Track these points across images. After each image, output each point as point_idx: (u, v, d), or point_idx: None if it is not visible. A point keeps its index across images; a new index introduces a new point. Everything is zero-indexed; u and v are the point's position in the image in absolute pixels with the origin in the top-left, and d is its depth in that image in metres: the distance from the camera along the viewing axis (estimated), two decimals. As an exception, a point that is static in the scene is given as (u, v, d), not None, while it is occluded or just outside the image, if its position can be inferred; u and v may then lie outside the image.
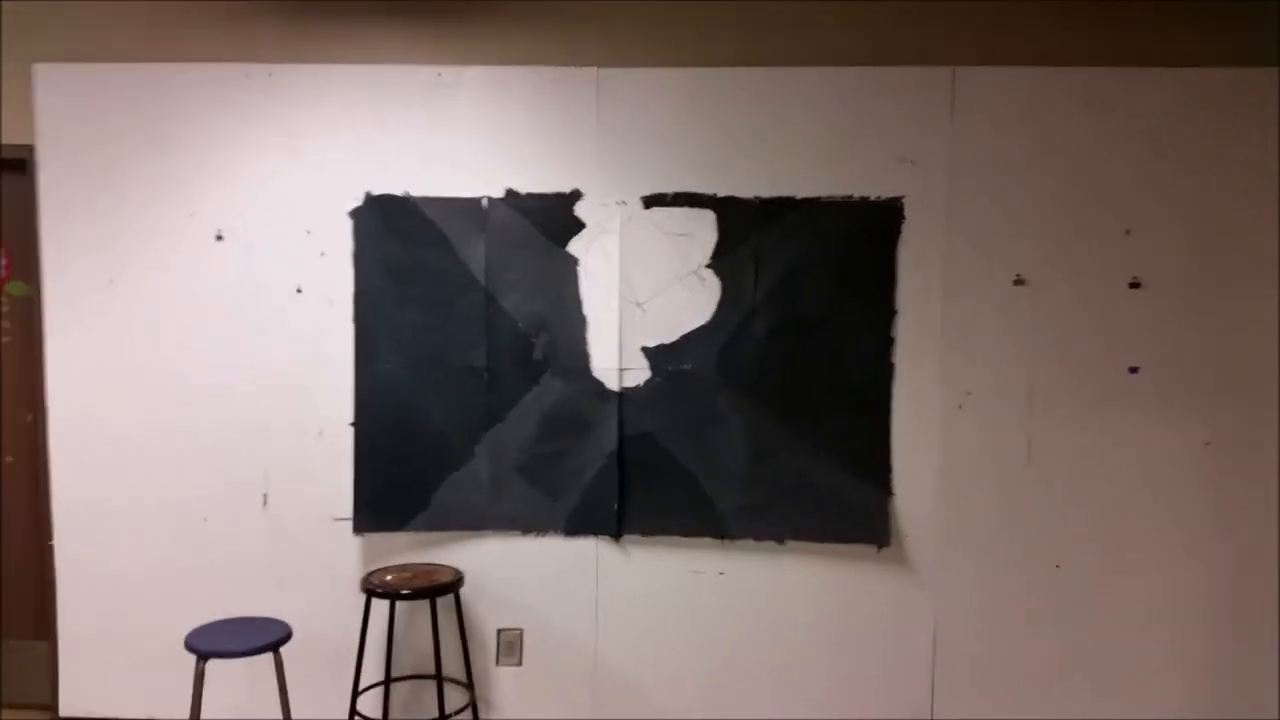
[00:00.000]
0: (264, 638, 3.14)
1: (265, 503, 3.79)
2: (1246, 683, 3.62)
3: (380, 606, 3.70)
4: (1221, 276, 3.53)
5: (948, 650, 3.70)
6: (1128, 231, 3.54)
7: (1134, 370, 3.58)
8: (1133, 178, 3.53)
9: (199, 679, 3.08)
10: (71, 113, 3.71)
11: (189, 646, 3.06)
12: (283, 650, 3.22)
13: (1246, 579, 3.59)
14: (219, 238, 3.73)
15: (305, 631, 3.60)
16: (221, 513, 3.80)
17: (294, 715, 3.65)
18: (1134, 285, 3.56)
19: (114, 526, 3.81)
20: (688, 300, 3.66)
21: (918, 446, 3.65)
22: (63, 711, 3.88)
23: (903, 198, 3.57)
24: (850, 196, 3.58)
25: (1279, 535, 3.56)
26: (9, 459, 3.98)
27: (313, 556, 3.80)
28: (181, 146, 3.71)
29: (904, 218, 3.57)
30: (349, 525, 3.77)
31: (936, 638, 3.70)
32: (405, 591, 3.44)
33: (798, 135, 3.60)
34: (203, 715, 3.37)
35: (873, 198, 3.58)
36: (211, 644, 3.07)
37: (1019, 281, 3.58)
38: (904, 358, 3.62)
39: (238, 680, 3.77)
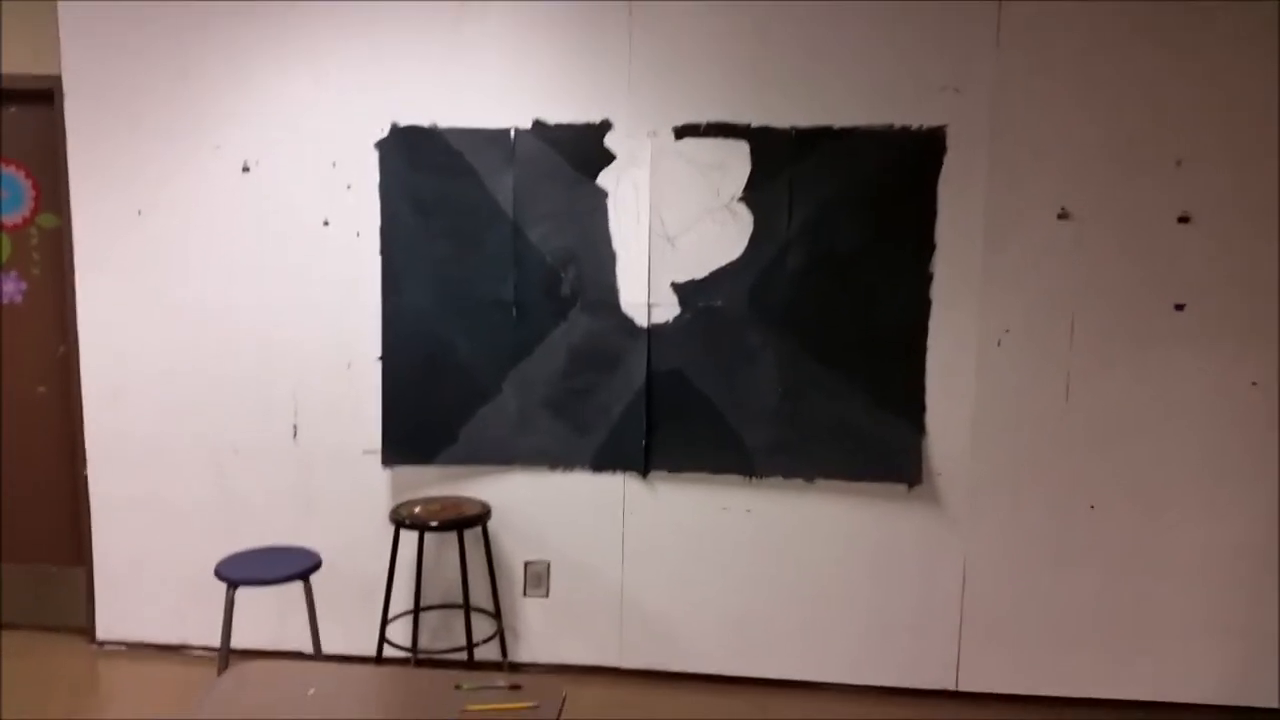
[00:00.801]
0: (293, 566, 3.16)
1: (295, 434, 3.80)
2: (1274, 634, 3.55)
3: (409, 538, 3.73)
4: (1273, 211, 3.38)
5: (976, 592, 3.66)
6: (1178, 163, 3.40)
7: (1180, 308, 3.47)
8: (1184, 108, 3.37)
9: (229, 607, 3.11)
10: (97, 45, 3.67)
11: (219, 575, 3.08)
12: (312, 579, 3.27)
13: (1288, 525, 3.51)
14: (245, 169, 3.70)
15: (335, 562, 3.64)
16: (252, 444, 3.82)
17: (324, 643, 3.71)
18: (1183, 220, 3.43)
19: (146, 457, 3.85)
20: (719, 235, 3.58)
21: (953, 385, 3.58)
22: (99, 635, 3.96)
23: (945, 127, 3.45)
24: (890, 126, 3.46)
25: (1326, 479, 3.46)
26: (42, 389, 4.02)
27: (342, 488, 3.82)
28: (206, 78, 3.67)
29: (946, 149, 3.46)
30: (378, 458, 3.78)
31: (965, 579, 3.66)
32: (434, 523, 3.45)
33: (836, 63, 3.47)
34: (234, 642, 3.45)
35: (914, 127, 3.46)
36: (241, 572, 3.10)
37: (1063, 215, 3.46)
38: (941, 294, 3.53)
39: (268, 608, 3.83)
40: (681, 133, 3.55)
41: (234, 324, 3.77)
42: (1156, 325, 3.49)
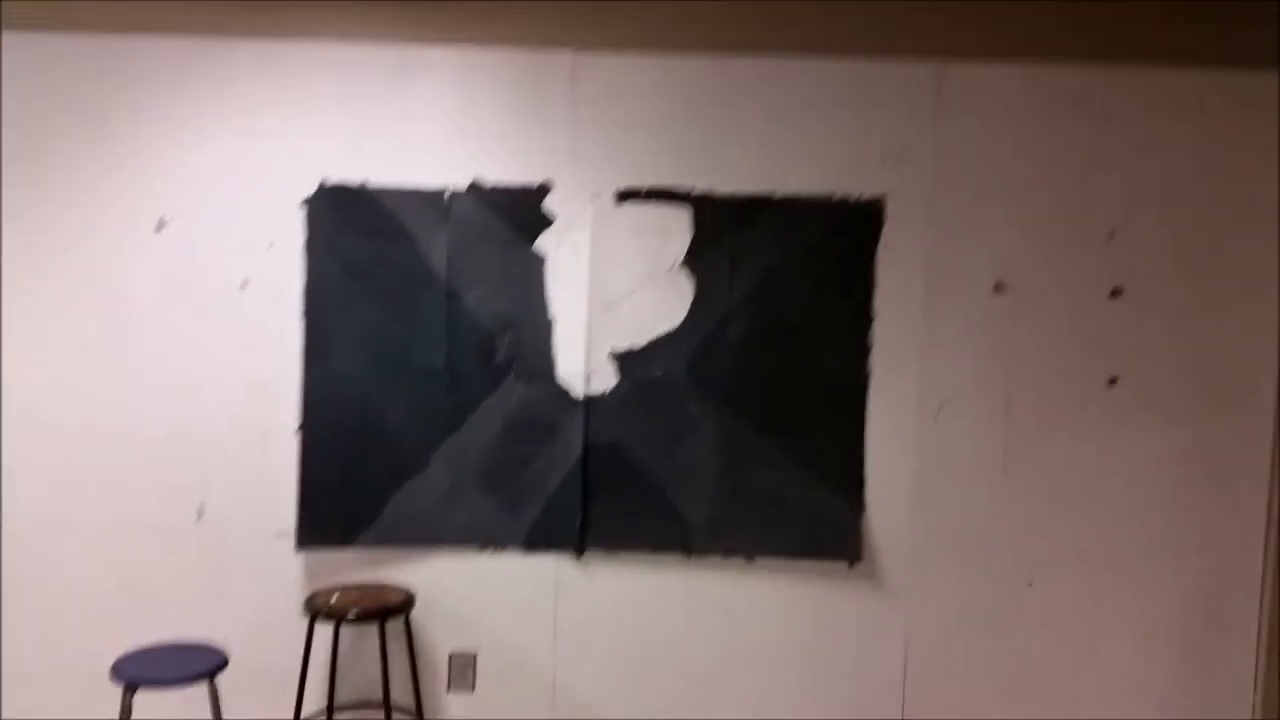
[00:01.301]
0: (198, 665, 2.88)
1: (201, 514, 3.51)
2: (1221, 703, 3.53)
3: (324, 630, 3.43)
4: (1204, 285, 3.46)
5: (920, 669, 3.56)
6: (1111, 235, 3.47)
7: (1113, 381, 3.51)
8: (1118, 181, 3.45)
9: (126, 711, 2.79)
10: (2, 86, 3.43)
11: (115, 674, 2.77)
12: (219, 677, 2.95)
13: (1225, 596, 3.51)
14: (159, 226, 3.47)
15: (243, 656, 3.30)
16: (155, 524, 3.50)
17: (227, 745, 3.36)
18: (1115, 294, 3.49)
19: (32, 538, 3.49)
20: (659, 302, 3.49)
21: (893, 457, 3.52)
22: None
23: (884, 197, 3.46)
24: (830, 195, 3.46)
25: (1261, 551, 3.49)
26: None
27: (252, 574, 3.52)
28: (122, 127, 3.45)
29: (885, 219, 3.47)
30: (292, 540, 3.50)
31: (908, 655, 3.56)
32: (352, 614, 3.20)
33: (780, 130, 3.47)
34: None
35: (854, 198, 3.46)
36: (140, 672, 2.80)
37: (999, 288, 3.49)
38: (881, 365, 3.50)
39: (169, 710, 3.44)
40: (623, 197, 3.48)
41: (140, 391, 3.49)
42: (1090, 398, 3.51)
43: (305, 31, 3.45)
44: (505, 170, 3.47)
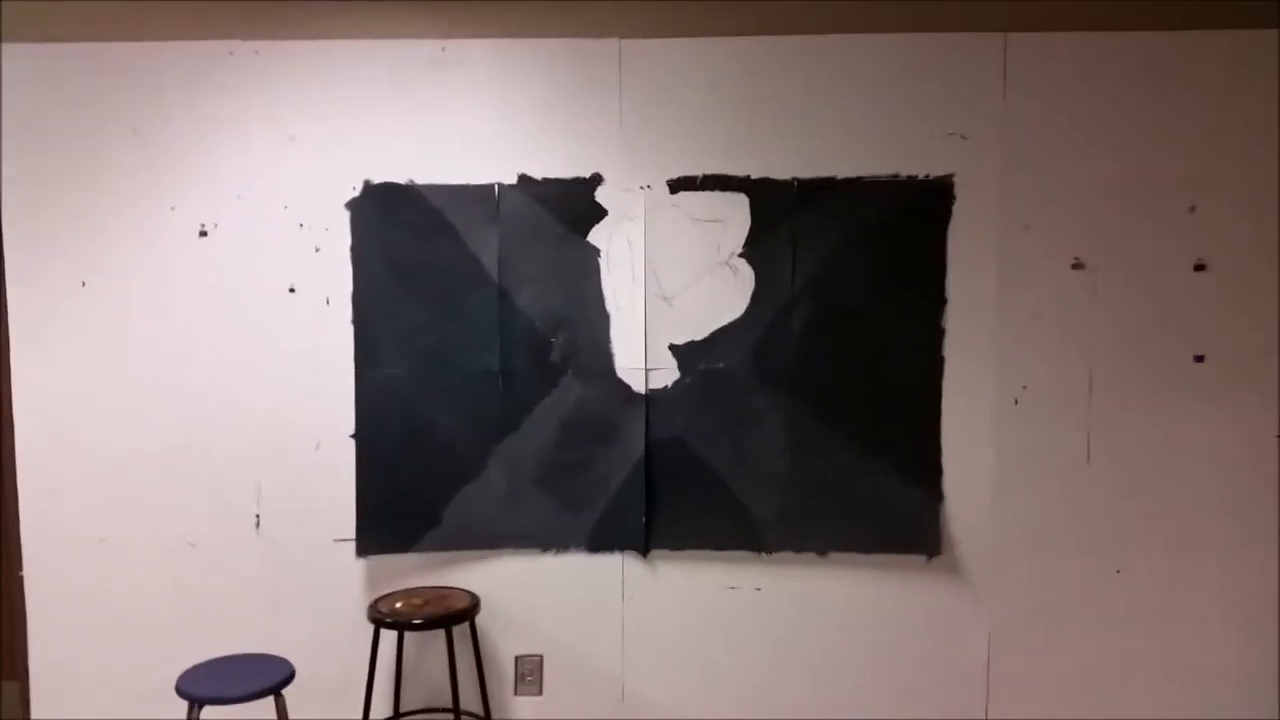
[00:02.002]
0: (265, 680, 2.82)
1: (258, 524, 3.45)
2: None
3: (389, 637, 3.38)
4: (1293, 256, 3.28)
5: (1003, 665, 3.44)
6: (1192, 209, 3.28)
7: (1199, 359, 3.33)
8: (1197, 150, 3.27)
9: (192, 727, 2.74)
10: (39, 99, 3.35)
11: (181, 692, 2.72)
12: (284, 691, 2.89)
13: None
14: (203, 233, 3.39)
15: (306, 666, 3.23)
16: (210, 536, 3.45)
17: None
18: (1199, 268, 3.30)
19: (90, 554, 3.45)
20: (719, 292, 3.36)
21: (970, 446, 3.38)
22: (36, 761, 3.52)
23: (953, 175, 3.30)
24: (896, 175, 3.30)
25: (1362, 534, 3.31)
26: (-29, 482, 3.61)
27: (312, 582, 3.46)
28: (159, 134, 3.37)
29: (954, 198, 3.30)
30: (351, 547, 3.44)
31: (991, 652, 3.44)
32: (417, 620, 3.14)
33: (837, 110, 3.31)
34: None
35: (920, 176, 3.30)
36: (207, 688, 2.74)
37: (1077, 265, 3.32)
38: (955, 350, 3.35)
39: (233, 721, 3.43)
40: (677, 186, 3.34)
41: (189, 404, 3.42)
42: (1176, 378, 3.34)
43: (343, 30, 3.35)
44: (554, 163, 3.35)
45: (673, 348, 3.38)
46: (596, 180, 3.35)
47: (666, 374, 3.39)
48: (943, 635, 3.44)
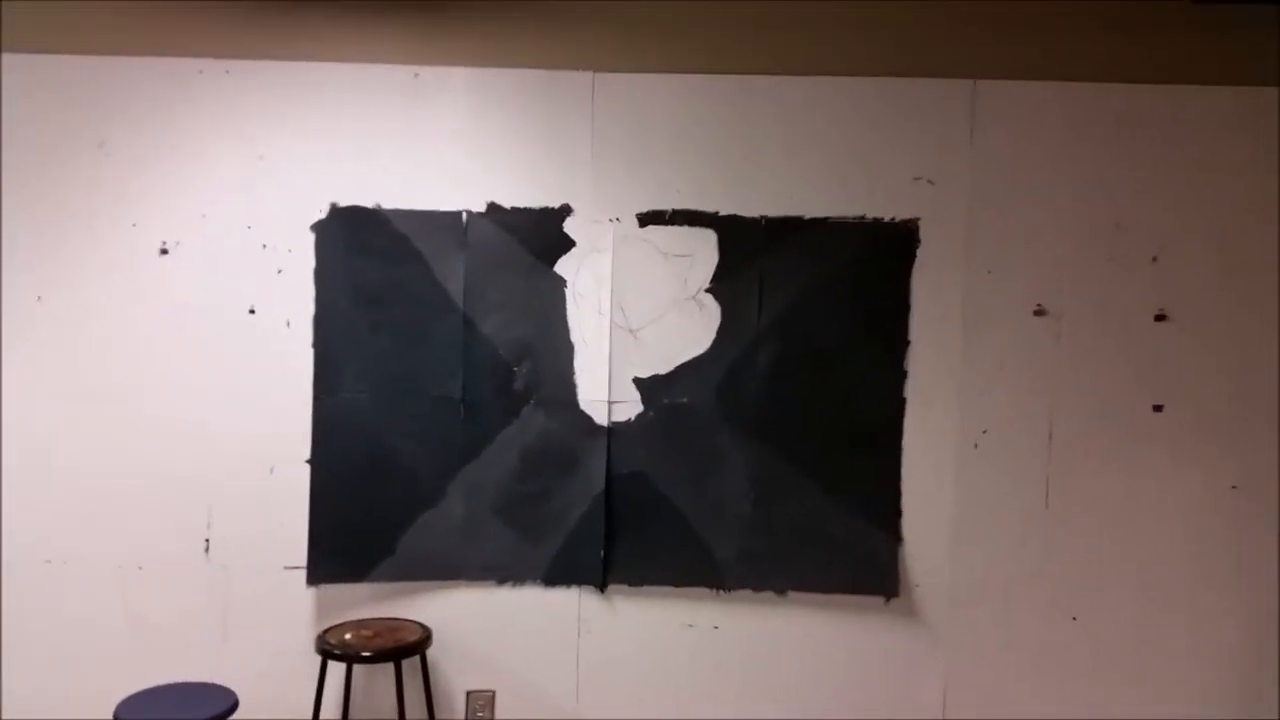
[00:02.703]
0: (206, 710, 2.76)
1: (208, 548, 3.38)
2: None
3: (337, 668, 3.30)
4: (1252, 309, 3.32)
5: (960, 708, 3.42)
6: (1155, 259, 3.33)
7: (1158, 408, 3.36)
8: (1161, 201, 3.32)
9: (129, 757, 2.66)
10: (3, 108, 3.29)
11: (119, 718, 2.64)
12: (227, 720, 2.82)
13: (1275, 631, 3.36)
14: (164, 251, 3.34)
15: (251, 696, 3.16)
16: (158, 560, 3.37)
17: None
18: (1160, 318, 3.34)
19: (35, 576, 3.35)
20: (685, 327, 3.36)
21: (930, 489, 3.38)
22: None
23: (918, 219, 3.33)
24: (863, 217, 3.33)
25: (1317, 586, 3.34)
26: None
27: (261, 610, 3.38)
28: (124, 149, 3.33)
29: (919, 241, 3.33)
30: (303, 575, 3.37)
31: (947, 694, 3.42)
32: (366, 653, 3.08)
33: (807, 150, 3.34)
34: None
35: (886, 219, 3.33)
36: (146, 716, 2.67)
37: (1039, 312, 3.35)
38: (917, 392, 3.36)
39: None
40: (646, 219, 3.35)
41: (142, 423, 3.36)
42: (1136, 426, 3.37)
43: (315, 52, 3.34)
44: (524, 192, 3.35)
45: (637, 381, 3.37)
46: (566, 211, 3.35)
47: (630, 407, 3.37)
48: (900, 677, 3.42)
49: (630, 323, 3.36)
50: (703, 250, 3.34)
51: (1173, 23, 3.26)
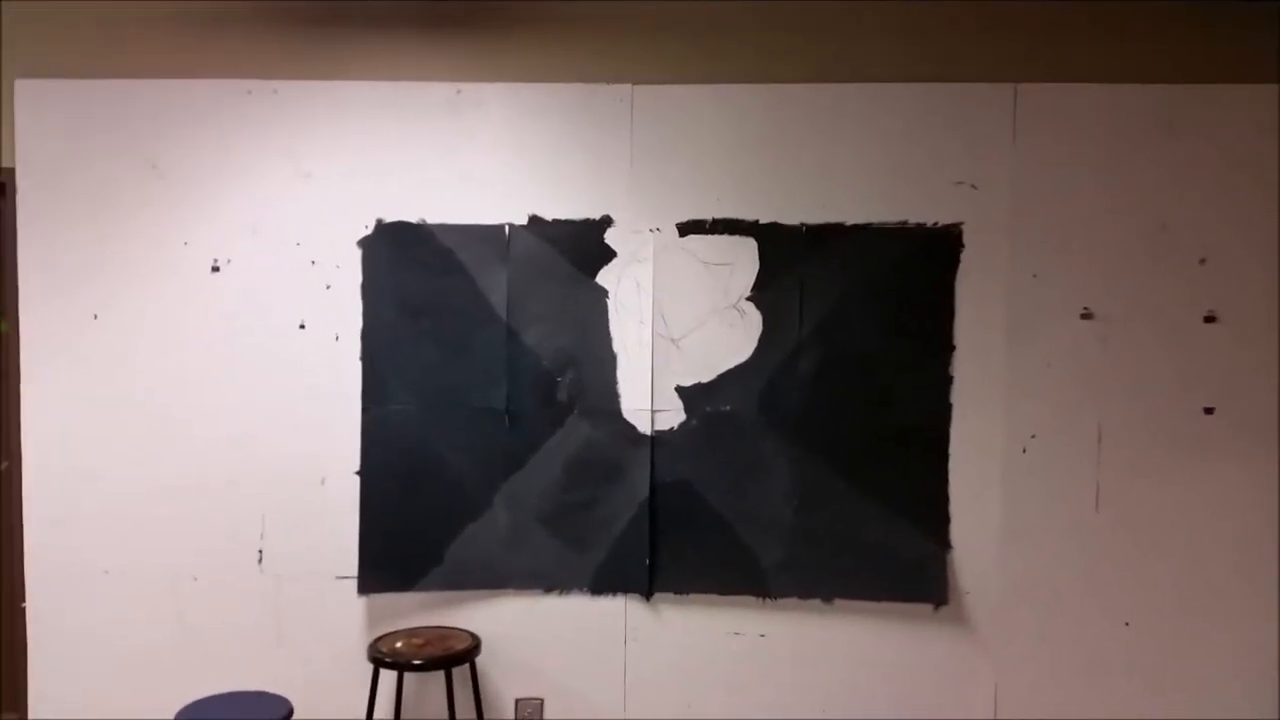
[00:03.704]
0: (262, 716, 2.79)
1: (261, 559, 3.44)
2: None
3: (388, 676, 3.34)
4: (1303, 309, 3.27)
5: (1011, 715, 3.38)
6: (1202, 261, 3.28)
7: (1209, 411, 3.31)
8: (1208, 203, 3.27)
9: (188, 764, 2.72)
10: (55, 133, 3.39)
11: (177, 728, 2.70)
12: (282, 728, 2.87)
13: (1337, 637, 3.30)
14: (215, 269, 3.42)
15: (305, 704, 3.22)
16: (212, 571, 3.44)
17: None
18: (1209, 319, 3.29)
19: (93, 587, 3.44)
20: (727, 336, 3.37)
21: (978, 495, 3.35)
22: (32, 796, 3.48)
23: (961, 224, 3.31)
24: (905, 223, 3.31)
25: (1376, 591, 3.27)
26: (-23, 512, 3.62)
27: (313, 619, 3.44)
28: (175, 169, 3.41)
29: (963, 245, 3.31)
30: (353, 584, 3.42)
31: (998, 703, 3.38)
32: (417, 661, 3.12)
33: (847, 157, 3.34)
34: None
35: (929, 224, 3.31)
36: (203, 724, 2.72)
37: (1086, 315, 3.31)
38: (963, 398, 3.34)
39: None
40: (686, 229, 3.36)
41: (196, 437, 3.43)
42: (1186, 429, 3.32)
43: (359, 71, 3.40)
44: (565, 205, 3.38)
45: (679, 389, 3.38)
46: (606, 222, 3.38)
47: (673, 415, 3.39)
48: (949, 685, 3.40)
49: (672, 332, 3.38)
50: (743, 258, 3.35)
51: (1214, 22, 3.22)
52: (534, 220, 3.38)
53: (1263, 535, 3.31)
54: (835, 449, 3.35)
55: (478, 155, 3.39)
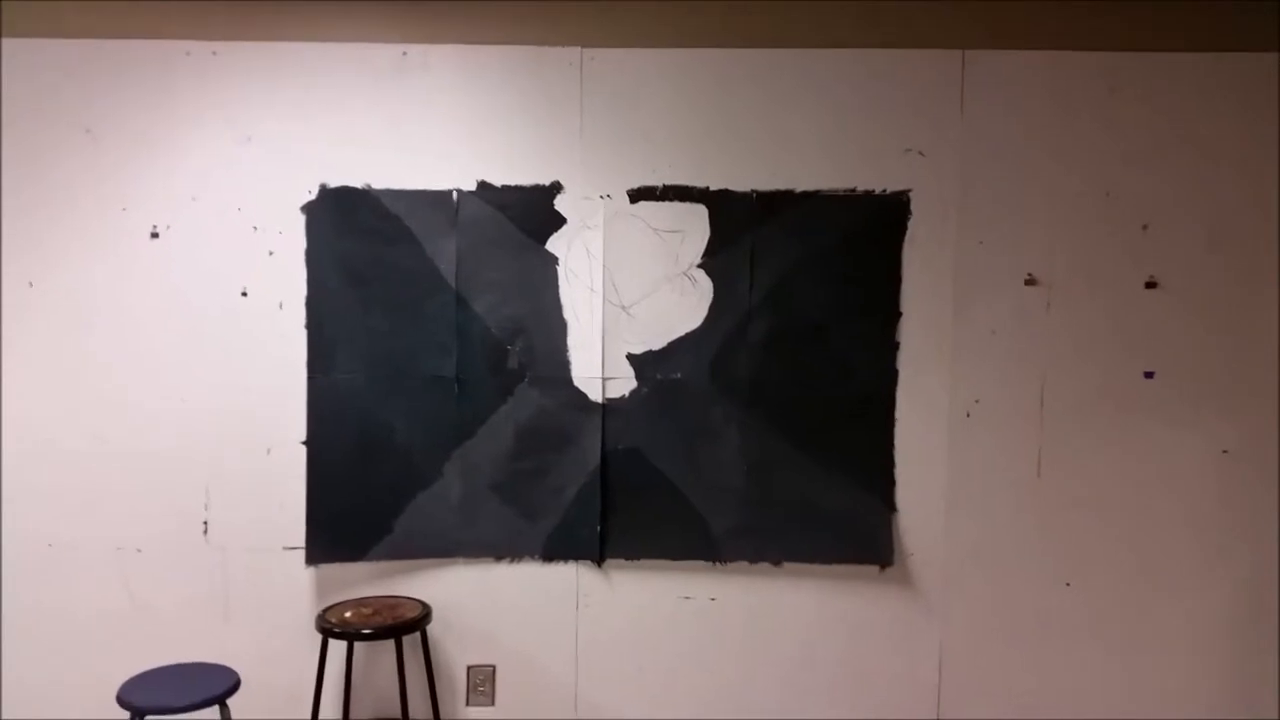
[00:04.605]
0: (209, 689, 2.77)
1: (206, 530, 3.40)
2: (1270, 709, 3.41)
3: (338, 646, 3.33)
4: (1241, 275, 3.32)
5: (955, 675, 3.45)
6: (1145, 227, 3.33)
7: (1150, 375, 3.37)
8: (1150, 170, 3.32)
9: (133, 739, 2.69)
10: (-15, 94, 3.29)
11: (122, 701, 2.68)
12: (230, 700, 2.85)
13: (1269, 595, 3.39)
14: (154, 235, 3.34)
15: (254, 676, 3.19)
16: (157, 543, 3.39)
17: (241, 770, 3.26)
18: (1150, 285, 3.35)
19: (35, 559, 3.38)
20: (678, 303, 3.36)
21: (923, 458, 3.40)
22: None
23: (909, 191, 3.32)
24: (854, 190, 3.32)
25: (1306, 549, 3.37)
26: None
27: (261, 591, 3.41)
28: (112, 134, 3.32)
29: (910, 213, 3.33)
30: (301, 555, 3.39)
31: (943, 662, 3.45)
32: (366, 631, 3.11)
33: (797, 123, 3.33)
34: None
35: (878, 191, 3.32)
36: (149, 698, 2.70)
37: (1030, 281, 3.35)
38: (909, 363, 3.37)
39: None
40: (637, 195, 3.34)
41: (138, 407, 3.36)
42: (1127, 393, 3.38)
43: (302, 32, 3.32)
44: (514, 170, 3.34)
45: (630, 357, 3.38)
46: (556, 188, 3.34)
47: (624, 383, 3.38)
48: (895, 645, 3.46)
49: (623, 299, 3.37)
50: (694, 226, 3.34)
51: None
52: (483, 186, 3.33)
53: (1203, 497, 3.39)
54: (784, 415, 3.37)
55: (424, 119, 3.33)
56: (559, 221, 3.35)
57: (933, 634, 3.45)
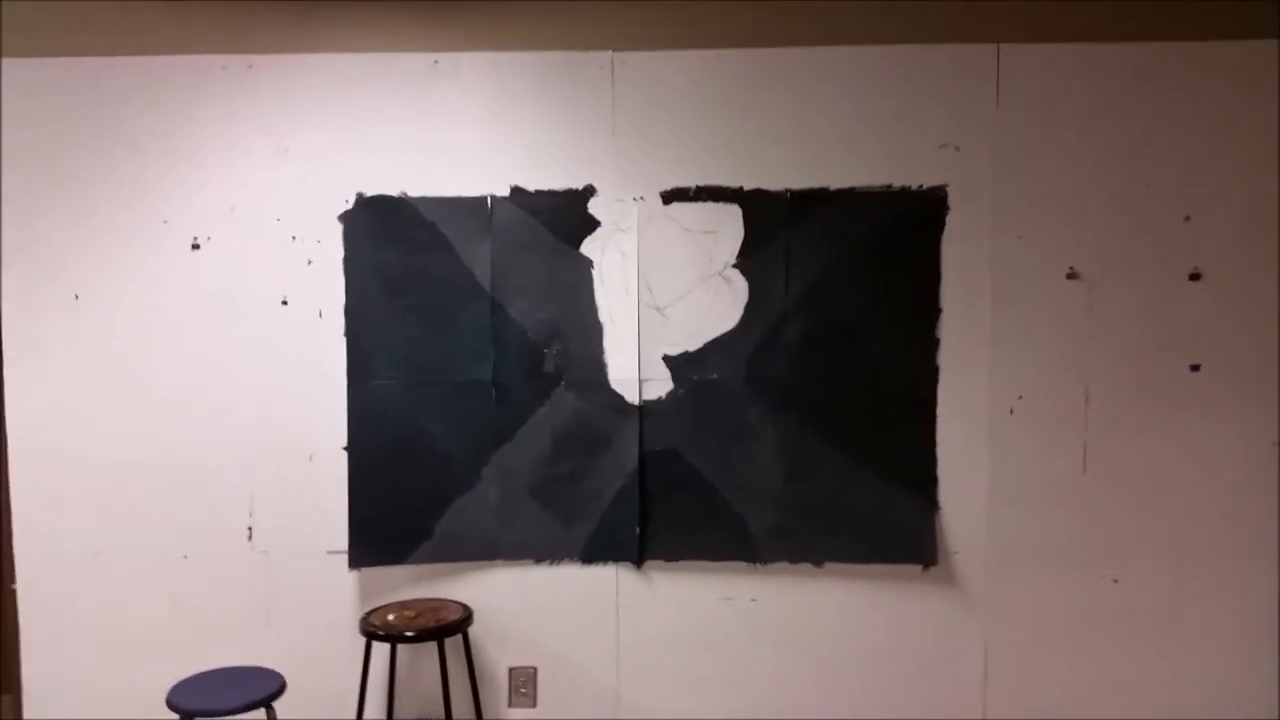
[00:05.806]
0: (255, 692, 2.81)
1: (250, 536, 3.44)
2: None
3: (381, 649, 3.36)
4: (1286, 265, 3.27)
5: (1000, 675, 3.42)
6: (1187, 218, 3.27)
7: (1195, 368, 3.31)
8: (1191, 160, 3.26)
9: (183, 741, 2.74)
10: (33, 113, 3.35)
11: (171, 705, 2.72)
12: (275, 703, 2.88)
13: (1323, 591, 3.33)
14: (195, 247, 3.39)
15: (298, 679, 3.22)
16: (202, 549, 3.45)
17: (289, 773, 3.30)
18: (1194, 277, 3.29)
19: (83, 567, 3.44)
20: (713, 304, 3.35)
21: (966, 456, 3.36)
22: (29, 775, 3.51)
23: (946, 186, 3.29)
24: (889, 186, 3.30)
25: (1361, 544, 3.29)
26: (-35, 496, 3.61)
27: (304, 595, 3.45)
28: (152, 148, 3.37)
29: (948, 208, 3.29)
30: (344, 559, 3.43)
31: (988, 661, 3.42)
32: (409, 633, 3.13)
33: (830, 121, 3.31)
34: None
35: (913, 187, 3.29)
36: (197, 701, 2.74)
37: (1072, 275, 3.31)
38: (949, 360, 3.34)
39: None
40: (670, 197, 3.34)
41: (182, 416, 3.42)
42: (1172, 387, 3.33)
43: (334, 44, 3.36)
44: (547, 175, 3.35)
45: (666, 359, 3.38)
46: (589, 192, 3.35)
47: (660, 385, 3.38)
48: (939, 645, 3.43)
49: (658, 301, 3.37)
50: (728, 226, 3.33)
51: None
52: (516, 191, 3.35)
53: (1249, 491, 3.33)
54: (823, 414, 3.35)
55: (457, 126, 3.35)
56: (592, 225, 3.35)
57: (977, 633, 3.41)
